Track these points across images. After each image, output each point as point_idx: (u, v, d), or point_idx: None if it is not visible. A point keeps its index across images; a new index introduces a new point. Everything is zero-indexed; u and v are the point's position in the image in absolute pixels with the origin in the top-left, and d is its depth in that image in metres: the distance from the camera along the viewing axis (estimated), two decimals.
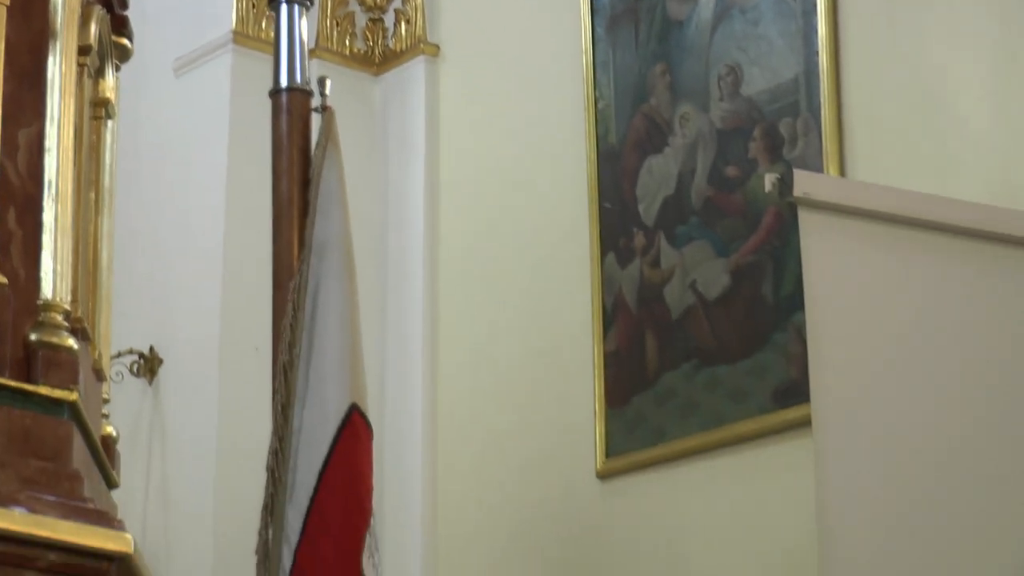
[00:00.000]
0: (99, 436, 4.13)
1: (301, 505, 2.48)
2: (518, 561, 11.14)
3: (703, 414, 10.42)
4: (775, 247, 10.05)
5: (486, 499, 11.39)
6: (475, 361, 11.74)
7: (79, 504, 3.53)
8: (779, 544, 9.69)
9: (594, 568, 10.74)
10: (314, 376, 2.60)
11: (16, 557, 3.29)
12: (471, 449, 11.57)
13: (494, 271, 11.78)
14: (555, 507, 11.04)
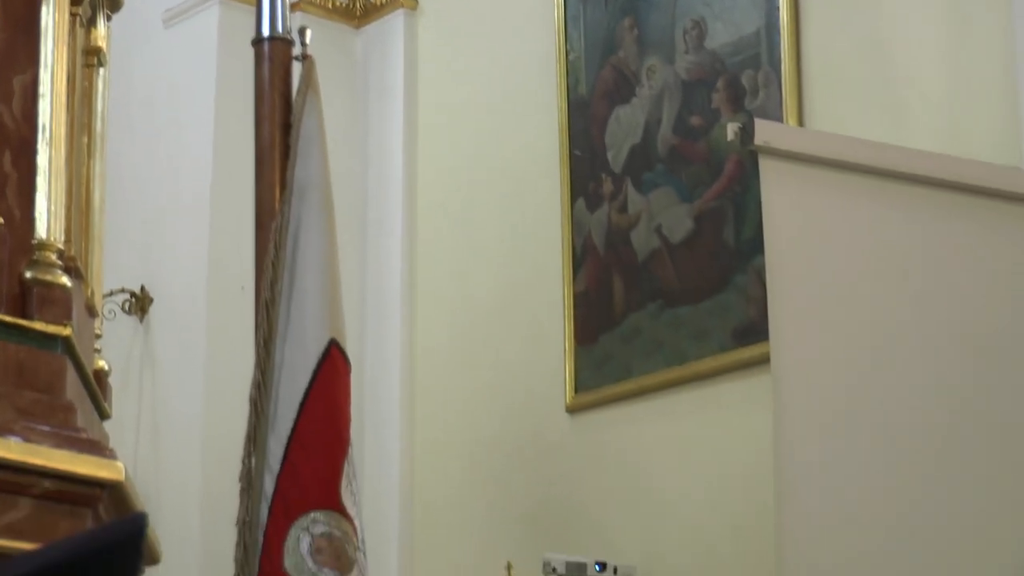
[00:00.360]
0: (91, 370, 4.13)
1: (282, 435, 2.48)
2: (491, 489, 11.16)
3: (667, 352, 10.46)
4: (736, 193, 10.06)
5: (461, 431, 11.41)
6: (451, 300, 11.75)
7: (72, 434, 3.53)
8: (738, 474, 9.72)
9: (563, 496, 10.77)
10: (295, 312, 2.61)
11: (11, 484, 3.29)
12: (447, 383, 11.59)
13: (469, 215, 11.78)
14: (526, 440, 11.06)
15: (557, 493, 10.79)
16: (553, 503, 10.79)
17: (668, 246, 10.41)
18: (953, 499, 7.05)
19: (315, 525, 2.46)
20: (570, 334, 10.92)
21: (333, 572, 2.40)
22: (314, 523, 2.47)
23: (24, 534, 3.28)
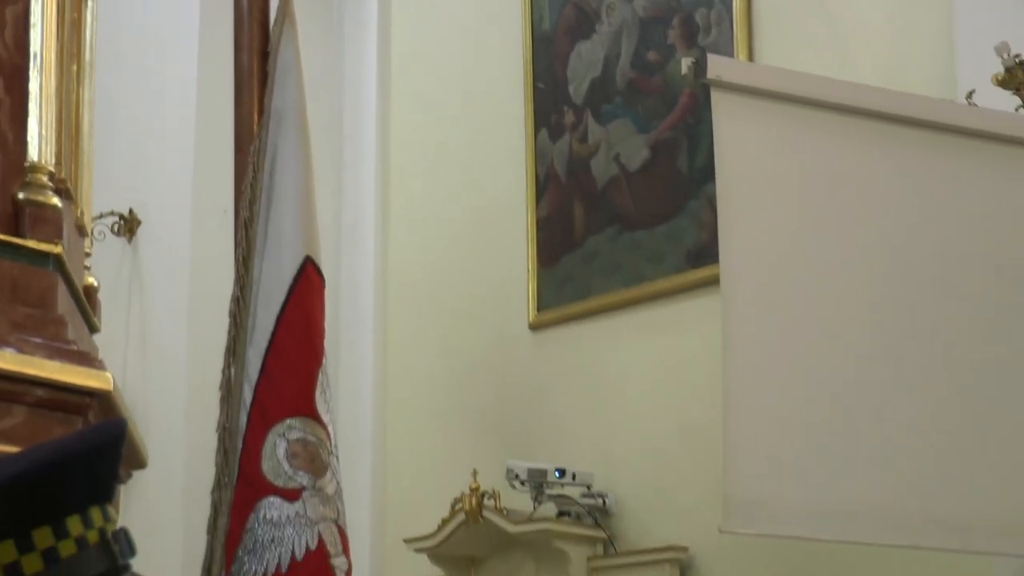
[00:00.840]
0: (81, 286, 4.11)
1: (260, 346, 2.49)
2: (458, 401, 11.20)
3: (624, 273, 10.49)
4: (690, 124, 10.07)
5: (430, 346, 11.44)
6: (422, 223, 11.76)
7: (63, 346, 3.52)
8: (689, 386, 9.76)
9: (526, 407, 10.80)
10: (272, 231, 2.60)
11: (6, 393, 3.28)
12: (418, 300, 11.61)
13: (439, 143, 11.78)
14: (492, 355, 11.09)
15: (520, 405, 10.82)
16: (516, 414, 10.82)
17: (626, 174, 10.44)
18: (888, 401, 7.09)
19: (291, 431, 2.47)
20: (533, 256, 10.94)
21: (308, 475, 2.40)
22: (290, 429, 2.47)
23: (19, 440, 3.27)
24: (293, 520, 2.44)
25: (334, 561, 2.38)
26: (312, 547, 2.40)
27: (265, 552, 2.43)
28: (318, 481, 2.43)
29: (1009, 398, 7.20)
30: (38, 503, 1.15)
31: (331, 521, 2.42)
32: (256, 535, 2.44)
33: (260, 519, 2.44)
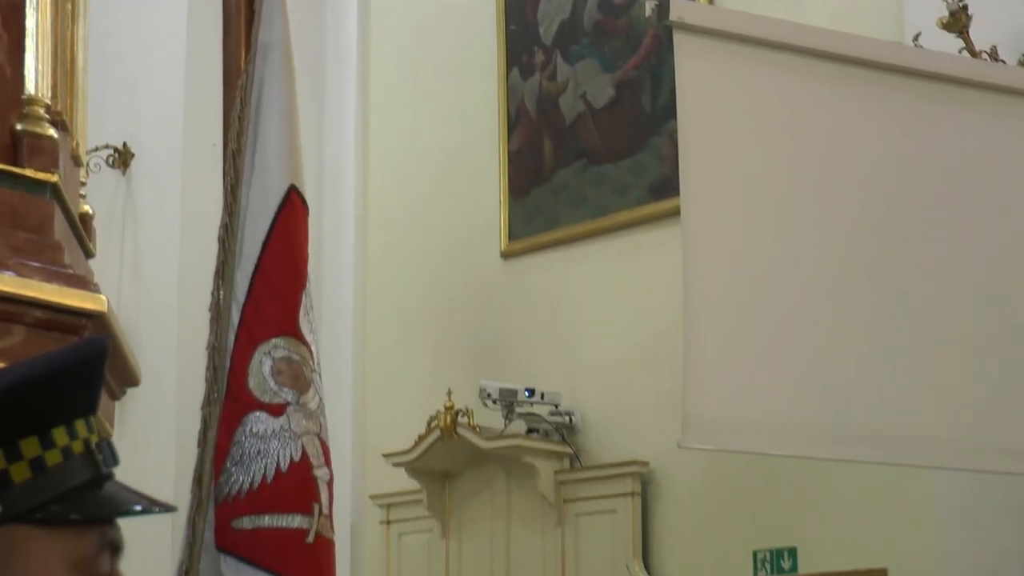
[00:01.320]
0: (77, 213, 4.08)
1: (247, 270, 2.47)
2: (433, 324, 11.21)
3: (590, 205, 10.49)
4: (653, 65, 10.06)
5: (408, 272, 11.44)
6: (400, 156, 11.74)
7: (60, 270, 3.49)
8: (652, 312, 9.78)
9: (497, 331, 10.82)
10: (259, 161, 2.58)
11: (7, 314, 3.25)
12: (396, 228, 11.60)
13: (417, 82, 11.75)
14: (465, 282, 11.09)
15: (492, 329, 10.83)
16: (488, 337, 10.83)
17: (592, 111, 10.44)
18: (840, 325, 7.11)
19: (276, 350, 2.45)
20: (505, 188, 10.94)
21: (292, 391, 2.40)
22: (275, 348, 2.46)
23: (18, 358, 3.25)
24: (278, 433, 2.43)
25: (316, 472, 2.38)
26: (296, 459, 2.39)
27: (252, 463, 2.43)
28: (302, 397, 2.42)
29: (953, 325, 7.23)
30: (25, 415, 1.15)
31: (314, 435, 2.42)
32: (243, 447, 2.43)
33: (247, 432, 2.43)
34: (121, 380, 4.21)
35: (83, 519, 1.16)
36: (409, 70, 11.81)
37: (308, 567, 2.34)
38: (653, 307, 9.67)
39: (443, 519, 10.71)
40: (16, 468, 1.13)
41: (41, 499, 1.14)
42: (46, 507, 1.14)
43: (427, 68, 11.66)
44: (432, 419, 10.32)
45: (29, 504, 1.13)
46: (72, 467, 1.17)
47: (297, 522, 2.36)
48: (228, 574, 2.41)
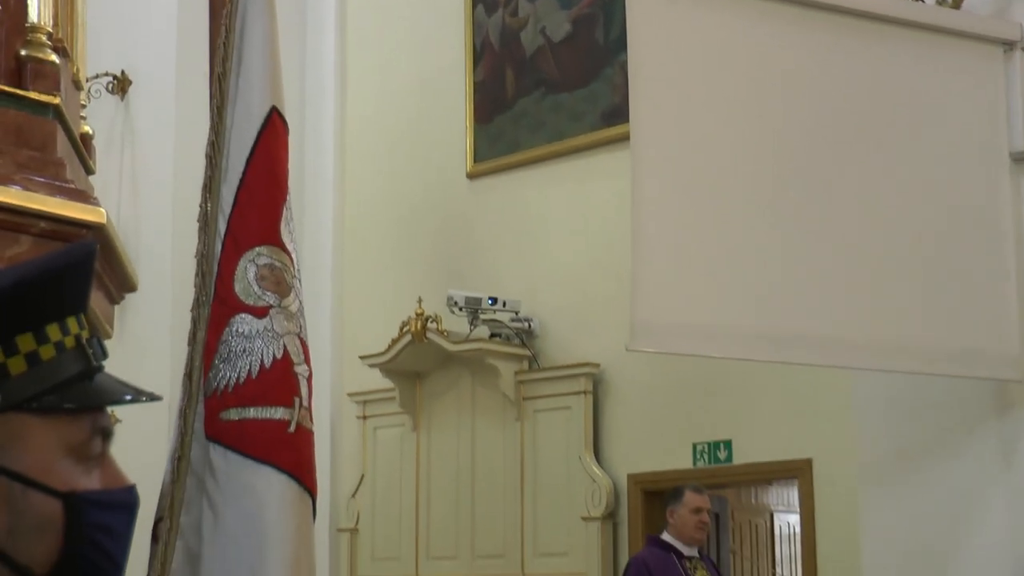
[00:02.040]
0: (78, 133, 4.04)
1: (233, 184, 2.45)
2: (406, 238, 11.21)
3: (548, 130, 10.49)
4: (606, 2, 10.02)
5: (383, 190, 11.41)
6: (374, 85, 11.68)
7: (63, 184, 3.46)
8: (604, 228, 9.80)
9: (463, 244, 10.82)
10: (243, 84, 2.54)
11: (14, 224, 3.23)
12: (372, 151, 11.57)
13: (391, 15, 11.68)
14: (435, 200, 11.08)
15: (459, 243, 10.84)
16: (455, 250, 10.84)
17: (550, 44, 10.41)
18: (772, 241, 7.12)
19: (260, 257, 2.44)
20: (470, 115, 10.92)
21: (274, 295, 2.39)
22: (259, 255, 2.44)
23: None
24: (262, 334, 2.42)
25: (297, 369, 2.37)
26: (278, 356, 2.39)
27: (238, 361, 2.42)
28: (283, 300, 2.41)
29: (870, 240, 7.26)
30: (21, 312, 1.14)
31: (294, 335, 2.41)
32: (230, 346, 2.42)
33: (233, 333, 2.42)
34: (120, 286, 4.19)
35: (76, 407, 1.17)
36: (383, 6, 11.73)
37: (289, 454, 2.34)
38: (604, 223, 9.68)
39: (414, 415, 10.76)
40: (13, 362, 1.13)
41: (37, 390, 1.14)
42: (41, 397, 1.14)
43: (400, 4, 11.59)
44: (404, 324, 10.35)
45: (26, 394, 1.13)
46: (65, 360, 1.17)
47: (279, 414, 2.36)
48: (216, 461, 2.41)
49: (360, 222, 11.52)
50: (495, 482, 10.20)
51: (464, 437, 10.45)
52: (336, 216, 11.58)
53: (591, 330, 9.85)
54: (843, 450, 8.57)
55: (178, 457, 2.46)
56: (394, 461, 10.83)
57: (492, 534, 10.16)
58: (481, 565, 10.15)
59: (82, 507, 1.16)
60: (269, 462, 2.37)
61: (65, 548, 1.15)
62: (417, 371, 10.67)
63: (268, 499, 2.37)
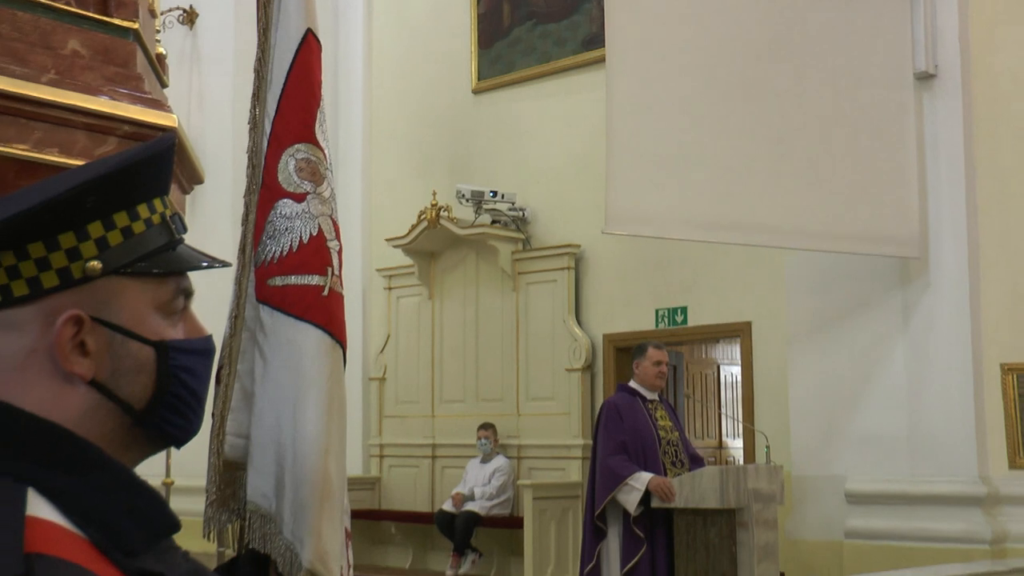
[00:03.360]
0: (154, 54, 4.01)
1: (276, 93, 2.43)
2: (422, 141, 11.15)
3: (538, 54, 10.39)
4: None
5: (403, 102, 11.33)
6: (396, 13, 11.56)
7: (142, 95, 3.44)
8: (583, 132, 9.75)
9: (469, 147, 10.77)
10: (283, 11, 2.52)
11: (103, 127, 3.21)
12: (394, 69, 11.47)
13: None
14: (446, 111, 11.01)
15: (465, 145, 10.79)
16: (463, 153, 10.79)
17: None
18: (725, 145, 7.11)
19: (298, 152, 2.43)
20: (474, 41, 10.81)
21: (310, 184, 2.39)
22: (297, 151, 2.44)
23: None
24: (300, 215, 2.42)
25: (330, 244, 2.38)
26: (314, 234, 2.39)
27: (281, 237, 2.42)
28: (318, 188, 2.41)
29: (798, 143, 7.24)
30: (117, 194, 1.15)
31: (327, 216, 2.41)
32: (275, 225, 2.42)
33: (277, 215, 2.42)
34: (190, 179, 4.19)
35: (162, 272, 1.18)
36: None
37: (323, 313, 2.35)
38: (584, 130, 9.64)
39: (429, 286, 10.78)
40: (112, 235, 1.14)
41: (131, 257, 1.15)
42: (135, 264, 1.15)
43: None
44: (421, 213, 10.34)
45: (122, 261, 1.14)
46: (152, 233, 1.18)
47: (315, 280, 2.37)
48: (265, 319, 2.43)
49: (384, 129, 11.47)
50: (495, 340, 10.26)
51: (470, 304, 10.49)
52: (364, 124, 11.53)
53: (573, 217, 9.85)
54: (776, 314, 8.62)
55: (235, 316, 2.48)
56: (413, 324, 10.89)
57: (493, 382, 10.24)
58: (484, 406, 10.24)
59: (170, 353, 1.17)
60: (307, 319, 2.38)
61: (157, 386, 1.17)
62: (432, 251, 10.69)
63: (306, 349, 2.39)
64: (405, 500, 10.68)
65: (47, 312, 1.12)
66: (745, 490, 6.14)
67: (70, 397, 1.13)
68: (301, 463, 2.34)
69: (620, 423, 6.43)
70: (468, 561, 9.55)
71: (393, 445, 10.91)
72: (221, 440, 2.46)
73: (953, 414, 7.48)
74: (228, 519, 2.42)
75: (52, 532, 1.04)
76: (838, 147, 7.38)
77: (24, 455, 1.09)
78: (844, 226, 7.36)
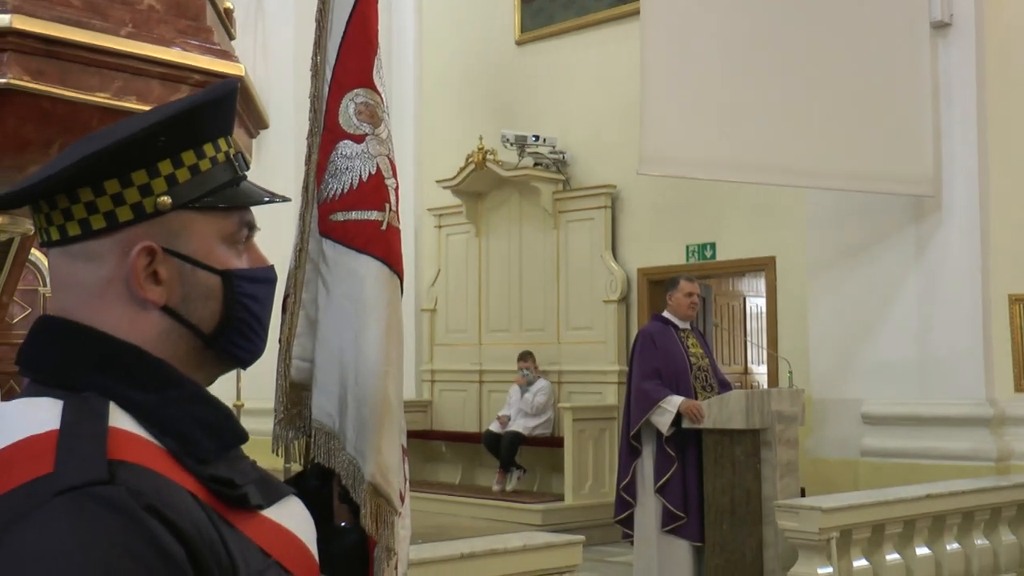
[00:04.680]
0: (222, 8, 3.98)
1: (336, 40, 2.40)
2: (471, 88, 11.08)
3: (577, 7, 10.29)
4: None
5: (454, 52, 11.27)
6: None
7: (211, 46, 3.42)
8: (619, 79, 9.66)
9: (514, 94, 10.70)
10: None
11: (176, 76, 3.20)
12: (445, 22, 11.41)
13: None
14: (492, 61, 10.92)
15: (510, 92, 10.72)
16: (507, 100, 10.72)
17: None
18: (751, 92, 7.02)
19: (357, 96, 2.41)
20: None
21: (369, 125, 2.36)
22: (356, 95, 2.41)
23: None
24: (360, 155, 2.40)
25: (387, 181, 2.36)
26: (373, 172, 2.37)
27: (342, 176, 2.41)
28: (376, 129, 2.38)
29: (818, 88, 7.13)
30: (185, 133, 1.15)
31: (385, 155, 2.39)
32: (336, 165, 2.41)
33: (338, 155, 2.40)
34: (256, 124, 4.17)
35: (227, 206, 1.18)
36: None
37: (382, 246, 2.34)
38: (620, 78, 9.54)
39: (476, 225, 10.77)
40: (180, 172, 1.14)
41: (198, 193, 1.15)
42: (202, 199, 1.15)
43: None
44: (469, 156, 10.31)
45: (190, 196, 1.15)
46: (217, 170, 1.18)
47: (374, 215, 2.35)
48: (327, 251, 2.42)
49: (434, 79, 11.41)
50: (537, 274, 10.25)
51: (514, 241, 10.47)
52: (416, 75, 11.48)
53: (610, 159, 9.79)
54: (798, 249, 8.55)
55: (299, 250, 2.47)
56: (461, 259, 10.90)
57: (535, 313, 10.24)
58: (527, 335, 10.26)
59: (235, 281, 1.18)
60: (367, 251, 2.37)
61: (224, 312, 1.17)
62: (478, 191, 10.66)
63: (366, 279, 2.37)
64: (455, 421, 10.75)
65: (123, 244, 1.12)
66: (769, 412, 6.13)
67: (145, 322, 1.14)
68: (362, 384, 2.34)
69: (654, 350, 6.42)
70: (513, 477, 9.62)
71: (443, 371, 10.96)
72: (288, 364, 2.46)
73: (962, 341, 7.43)
74: (295, 436, 2.43)
75: (132, 441, 1.05)
76: (857, 92, 7.27)
77: (106, 373, 1.10)
78: (862, 166, 7.27)
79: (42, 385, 1.10)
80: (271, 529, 1.12)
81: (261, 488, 1.14)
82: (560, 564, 3.76)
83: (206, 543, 1.01)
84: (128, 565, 0.95)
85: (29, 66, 2.69)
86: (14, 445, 1.02)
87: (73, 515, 0.96)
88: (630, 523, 6.44)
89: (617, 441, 7.73)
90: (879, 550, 5.34)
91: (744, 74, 7.02)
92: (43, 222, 1.15)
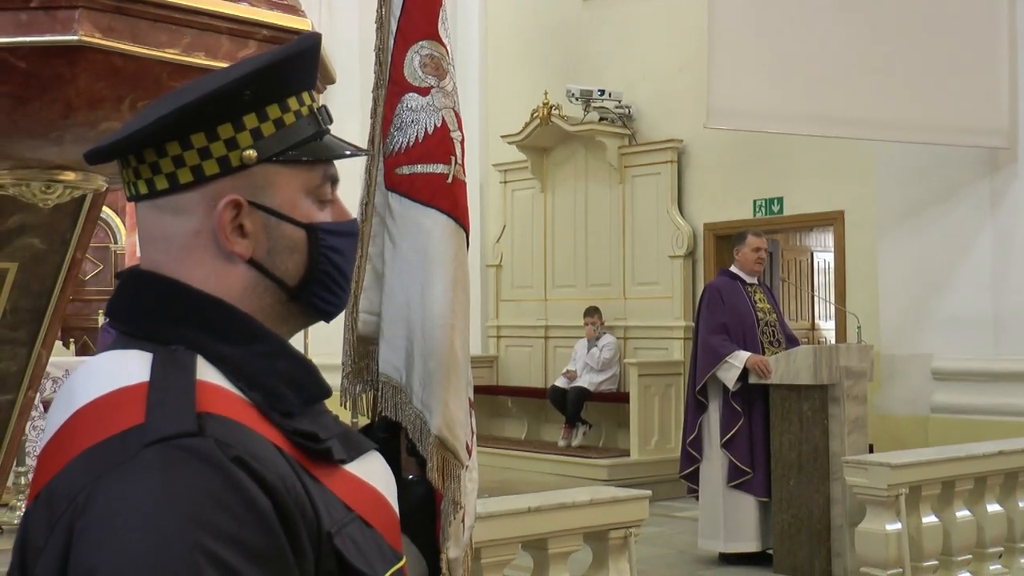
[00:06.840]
0: None
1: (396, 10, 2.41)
2: (537, 45, 11.02)
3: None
4: None
5: (518, 11, 11.21)
6: None
7: (278, 2, 3.42)
8: (686, 35, 9.53)
9: (580, 49, 10.61)
10: None
11: (244, 31, 3.20)
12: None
13: None
14: (558, 16, 10.83)
15: (576, 48, 10.64)
16: (573, 54, 10.65)
17: None
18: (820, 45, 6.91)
19: (422, 49, 2.40)
20: None
21: (434, 78, 2.36)
22: (422, 47, 2.40)
23: None
24: (425, 108, 2.40)
25: (453, 135, 2.35)
26: (438, 125, 2.37)
27: (408, 129, 2.40)
28: (441, 82, 2.37)
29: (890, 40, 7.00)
30: (269, 88, 1.15)
31: (450, 108, 2.38)
32: (402, 118, 2.41)
33: (404, 108, 2.40)
34: (323, 78, 4.16)
35: (311, 159, 1.18)
36: None
37: (448, 199, 2.34)
38: (686, 32, 9.43)
39: (542, 180, 10.74)
40: (265, 126, 1.15)
41: (283, 146, 1.16)
42: (286, 152, 1.16)
43: None
44: (534, 111, 10.27)
45: (275, 150, 1.15)
46: (302, 124, 1.18)
47: (440, 168, 2.35)
48: (394, 205, 2.42)
49: (499, 34, 11.36)
50: (602, 229, 10.21)
51: (579, 196, 10.44)
52: (481, 30, 11.45)
53: (676, 114, 9.69)
54: (867, 203, 8.43)
55: (365, 203, 2.47)
56: (527, 215, 10.88)
57: (601, 268, 10.22)
58: (593, 291, 10.24)
59: (319, 234, 1.18)
60: (433, 205, 2.37)
61: (308, 265, 1.17)
62: (544, 147, 10.62)
63: (433, 232, 2.37)
64: (520, 377, 10.78)
65: (209, 197, 1.13)
66: (837, 367, 6.07)
67: (231, 275, 1.14)
68: (429, 337, 2.35)
69: (721, 305, 6.38)
70: (579, 433, 9.64)
71: (509, 327, 10.98)
72: (355, 317, 2.47)
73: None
74: (362, 390, 2.45)
75: (219, 394, 1.07)
76: (931, 43, 7.12)
77: (193, 326, 1.11)
78: (935, 118, 7.13)
79: (131, 338, 1.12)
80: (353, 483, 1.13)
81: (344, 442, 1.14)
82: (626, 519, 3.76)
83: (291, 496, 1.02)
84: (216, 515, 0.96)
85: (100, 23, 2.71)
86: (106, 396, 1.05)
87: (164, 465, 0.98)
88: (696, 478, 6.43)
89: (683, 396, 7.71)
90: (949, 507, 5.28)
91: (813, 25, 6.90)
92: (131, 176, 1.15)
